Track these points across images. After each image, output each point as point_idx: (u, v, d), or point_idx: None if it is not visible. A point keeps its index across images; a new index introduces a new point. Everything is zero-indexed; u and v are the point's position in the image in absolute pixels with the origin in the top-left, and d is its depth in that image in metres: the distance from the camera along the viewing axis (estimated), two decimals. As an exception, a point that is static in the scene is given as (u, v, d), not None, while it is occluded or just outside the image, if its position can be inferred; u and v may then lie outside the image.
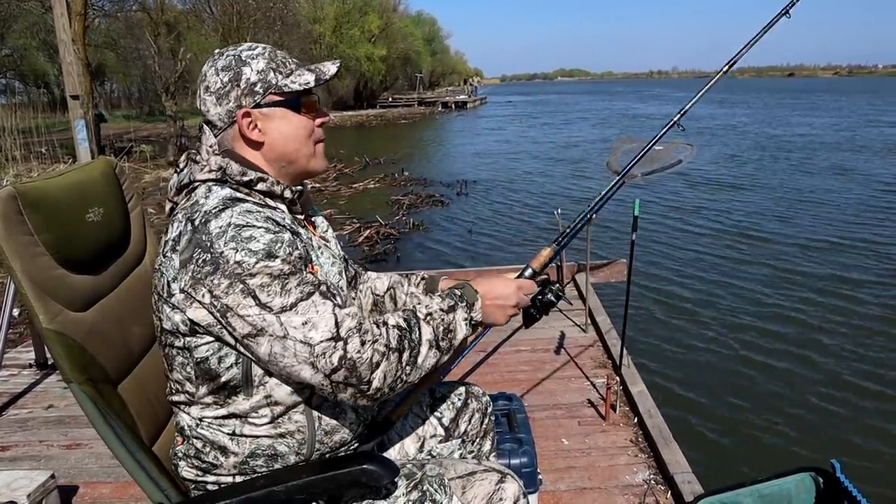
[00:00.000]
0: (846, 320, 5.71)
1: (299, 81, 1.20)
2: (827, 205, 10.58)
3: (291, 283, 1.05)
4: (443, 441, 1.52)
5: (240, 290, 1.03)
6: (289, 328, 1.03)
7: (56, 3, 7.20)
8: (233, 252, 1.03)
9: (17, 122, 14.89)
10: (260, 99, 1.19)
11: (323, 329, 1.04)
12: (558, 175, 14.76)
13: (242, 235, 1.04)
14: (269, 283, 1.03)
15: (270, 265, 1.04)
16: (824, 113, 32.55)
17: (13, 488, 2.19)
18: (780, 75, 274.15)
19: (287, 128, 1.21)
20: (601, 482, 2.54)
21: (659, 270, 7.33)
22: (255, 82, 1.18)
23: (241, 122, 1.19)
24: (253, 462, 1.19)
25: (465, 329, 1.23)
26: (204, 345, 1.11)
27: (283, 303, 1.03)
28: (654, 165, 3.32)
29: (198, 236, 1.05)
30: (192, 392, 1.16)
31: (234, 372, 1.12)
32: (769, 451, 3.79)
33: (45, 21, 22.36)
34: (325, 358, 1.04)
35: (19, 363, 3.89)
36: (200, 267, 1.04)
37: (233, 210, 1.08)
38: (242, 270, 1.02)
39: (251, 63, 1.19)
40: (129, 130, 22.07)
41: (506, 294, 1.31)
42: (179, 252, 1.07)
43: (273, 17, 25.44)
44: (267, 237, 1.05)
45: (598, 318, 4.09)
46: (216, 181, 1.17)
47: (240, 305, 1.03)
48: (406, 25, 56.94)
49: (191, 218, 1.09)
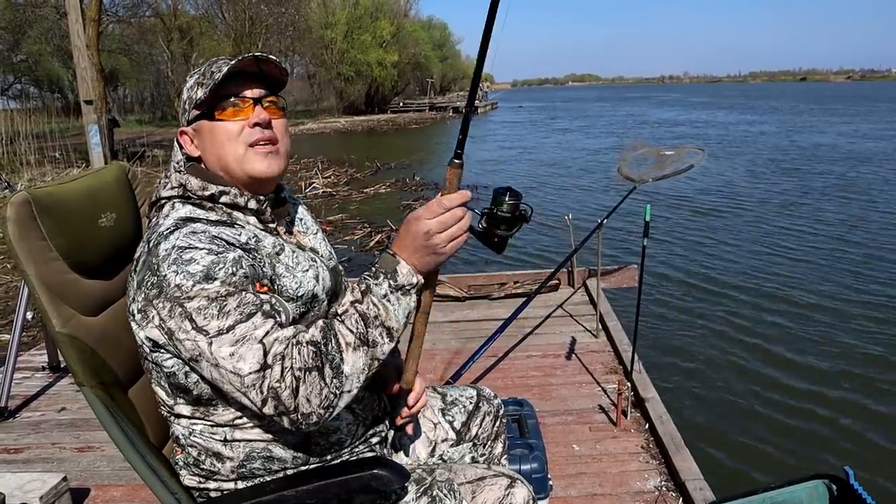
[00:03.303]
0: (861, 328, 5.66)
1: (200, 92, 1.18)
2: (837, 214, 10.51)
3: (230, 305, 1.02)
4: (454, 445, 1.52)
5: (179, 314, 1.02)
6: (219, 358, 1.01)
7: (71, 10, 7.27)
8: (173, 275, 1.03)
9: (32, 126, 15.06)
10: (188, 116, 1.22)
11: (251, 360, 1.00)
12: (569, 180, 14.73)
13: (183, 258, 1.04)
14: (207, 305, 1.01)
15: (207, 287, 1.02)
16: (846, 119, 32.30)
17: (26, 490, 2.20)
18: (792, 79, 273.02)
19: (211, 137, 1.20)
20: (612, 488, 2.53)
21: (671, 275, 7.29)
22: (185, 100, 1.22)
23: (181, 140, 1.23)
24: (250, 465, 1.19)
25: (393, 304, 1.09)
26: (169, 359, 1.11)
27: (219, 326, 1.01)
28: (666, 170, 3.32)
29: (149, 259, 1.07)
30: (171, 405, 1.17)
31: (203, 387, 1.12)
32: (782, 458, 3.76)
33: (59, 27, 22.61)
34: (253, 390, 1.00)
35: (32, 366, 3.92)
36: (149, 290, 1.05)
37: (179, 232, 1.08)
38: (181, 294, 1.02)
39: (188, 81, 1.22)
40: (141, 135, 22.21)
41: (415, 230, 1.10)
42: (137, 273, 1.09)
43: (285, 23, 25.58)
44: (207, 259, 1.04)
45: (609, 324, 4.07)
46: (179, 198, 1.18)
47: (180, 329, 1.02)
48: (417, 30, 57.11)
49: (148, 239, 1.11)
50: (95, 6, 15.51)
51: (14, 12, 21.78)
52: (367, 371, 1.06)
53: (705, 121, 33.79)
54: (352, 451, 1.27)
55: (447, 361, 3.77)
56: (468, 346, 3.82)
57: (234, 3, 24.21)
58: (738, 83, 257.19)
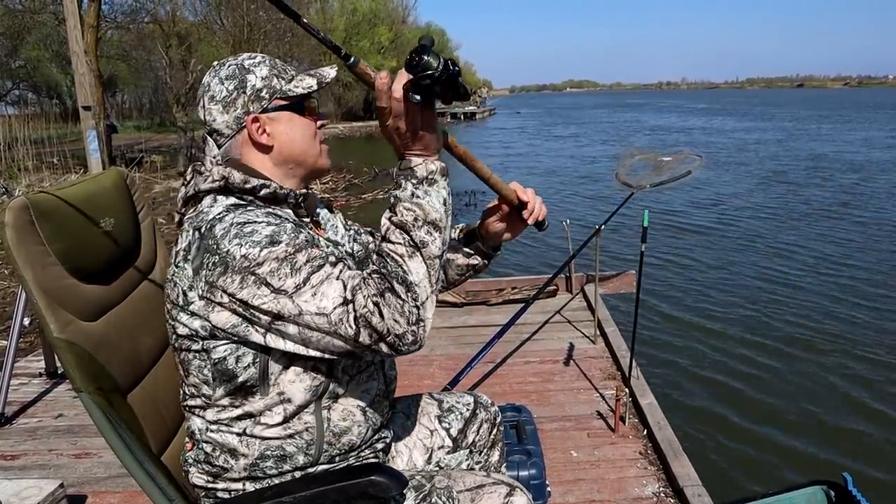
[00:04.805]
0: (859, 333, 5.66)
1: (302, 85, 1.24)
2: (838, 218, 10.53)
3: (300, 260, 1.05)
4: (450, 452, 1.52)
5: (252, 282, 1.04)
6: (301, 305, 1.03)
7: (69, 16, 7.28)
8: (237, 248, 1.04)
9: (30, 132, 15.05)
10: (266, 104, 1.22)
11: (333, 296, 1.03)
12: (567, 186, 14.75)
13: (244, 231, 1.06)
14: (278, 267, 1.04)
15: (274, 250, 1.05)
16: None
17: (22, 497, 2.19)
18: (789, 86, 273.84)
19: (294, 130, 1.25)
20: (610, 495, 2.53)
21: (669, 281, 7.30)
22: (260, 88, 1.22)
23: (251, 128, 1.22)
24: (263, 464, 1.19)
25: (423, 197, 1.11)
26: (222, 345, 1.12)
27: (295, 282, 1.03)
28: (663, 176, 3.32)
29: (205, 242, 1.08)
30: (208, 395, 1.17)
31: (252, 371, 1.13)
32: (780, 465, 3.76)
33: (58, 33, 22.61)
34: (343, 324, 1.02)
35: (29, 372, 3.91)
36: (212, 270, 1.06)
37: (233, 214, 1.11)
38: (250, 263, 1.04)
39: (255, 70, 1.23)
40: (140, 141, 22.23)
41: (390, 133, 1.11)
42: (191, 261, 1.09)
43: (283, 29, 25.53)
44: (268, 228, 1.08)
45: (607, 330, 4.07)
46: (220, 191, 1.19)
47: (255, 296, 1.04)
48: (415, 37, 57.02)
49: (197, 227, 1.11)
50: (94, 12, 15.50)
51: (12, 18, 21.74)
52: (431, 273, 1.09)
53: (702, 127, 33.87)
54: (358, 457, 1.28)
55: (445, 367, 3.76)
56: (466, 352, 3.82)
57: (233, 10, 24.23)
58: (736, 89, 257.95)
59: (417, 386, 3.51)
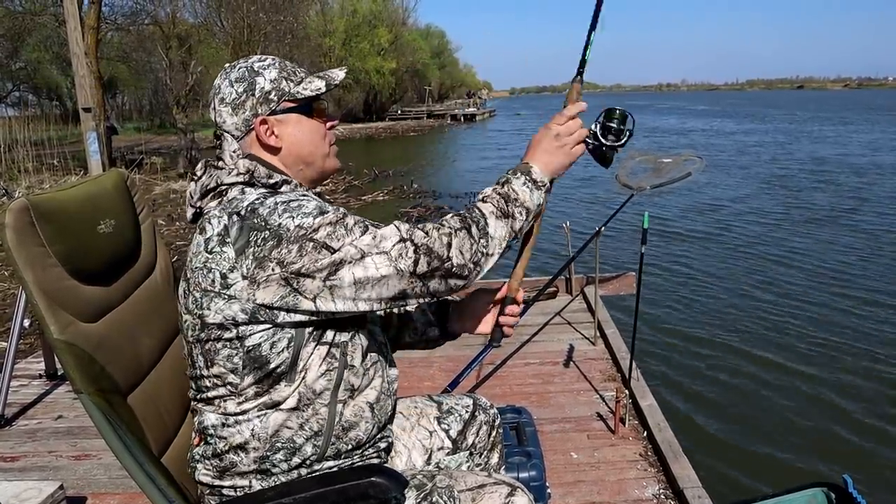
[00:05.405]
0: (859, 336, 5.66)
1: (310, 88, 1.26)
2: (832, 222, 10.52)
3: (350, 222, 1.11)
4: (450, 454, 1.52)
5: (311, 248, 1.07)
6: (363, 247, 1.08)
7: (70, 18, 7.29)
8: (290, 220, 1.09)
9: (30, 134, 15.06)
10: (275, 106, 1.24)
11: (391, 237, 1.10)
12: (567, 188, 14.74)
13: (291, 206, 1.11)
14: (333, 230, 1.09)
15: (327, 217, 1.10)
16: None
17: (22, 499, 2.19)
18: (789, 87, 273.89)
19: (302, 132, 1.27)
20: (610, 496, 2.53)
21: (669, 283, 7.30)
22: (269, 90, 1.23)
23: (259, 129, 1.23)
24: (273, 457, 1.19)
25: (530, 190, 1.22)
26: (259, 331, 1.13)
27: (352, 239, 1.09)
28: (664, 178, 3.32)
29: (249, 222, 1.10)
30: (235, 383, 1.17)
31: (284, 356, 1.15)
32: (780, 467, 3.75)
33: (58, 35, 22.60)
34: (403, 258, 1.08)
35: (29, 373, 3.91)
36: (261, 245, 1.08)
37: (275, 195, 1.15)
38: (306, 230, 1.08)
39: (264, 73, 1.24)
40: (140, 142, 22.22)
41: (546, 136, 1.27)
42: (232, 243, 1.11)
43: (283, 31, 25.53)
44: (313, 202, 1.13)
45: (607, 331, 4.07)
46: (245, 184, 1.20)
47: (315, 261, 1.07)
48: (415, 39, 57.22)
49: (235, 211, 1.13)
50: (94, 14, 15.51)
51: (13, 20, 21.73)
52: (505, 240, 1.18)
53: (701, 129, 33.84)
54: (362, 456, 1.28)
55: (445, 369, 3.76)
56: (466, 354, 3.82)
57: (233, 12, 24.21)
58: (736, 91, 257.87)
59: (417, 387, 3.51)
